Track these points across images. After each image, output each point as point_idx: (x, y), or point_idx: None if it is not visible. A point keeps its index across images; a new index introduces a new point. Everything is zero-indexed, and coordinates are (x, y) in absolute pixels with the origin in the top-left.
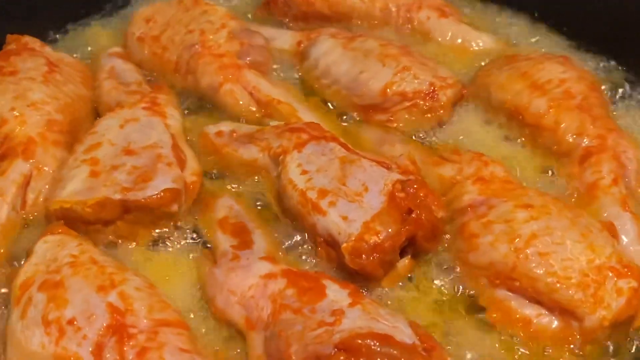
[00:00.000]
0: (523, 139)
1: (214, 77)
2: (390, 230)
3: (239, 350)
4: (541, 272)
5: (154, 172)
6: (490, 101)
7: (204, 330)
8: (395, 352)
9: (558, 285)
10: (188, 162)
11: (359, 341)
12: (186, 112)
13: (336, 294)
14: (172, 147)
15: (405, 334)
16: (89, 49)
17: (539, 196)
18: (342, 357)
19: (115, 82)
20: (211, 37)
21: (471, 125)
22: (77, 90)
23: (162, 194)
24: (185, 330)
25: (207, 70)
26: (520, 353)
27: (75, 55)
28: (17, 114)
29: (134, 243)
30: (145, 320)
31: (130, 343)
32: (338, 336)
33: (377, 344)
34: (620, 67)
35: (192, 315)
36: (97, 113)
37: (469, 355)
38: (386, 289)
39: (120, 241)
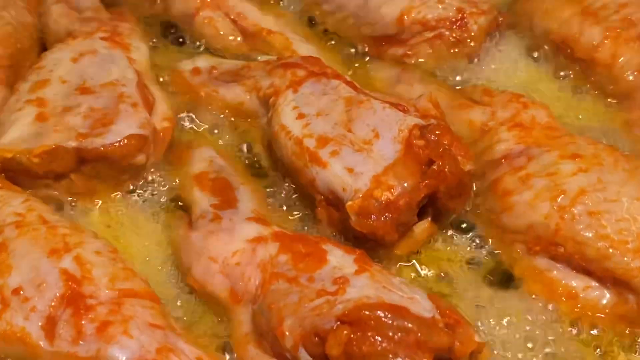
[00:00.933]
0: (572, 77)
1: (188, 3)
2: (406, 184)
3: (219, 330)
4: (591, 235)
5: (115, 114)
6: (532, 31)
7: (178, 303)
8: (410, 325)
9: (611, 250)
10: (157, 105)
11: (367, 312)
12: (155, 45)
13: (339, 260)
14: (138, 86)
15: (423, 307)
16: None
17: (590, 145)
18: (345, 332)
19: (67, 6)
20: None
21: (508, 61)
22: (18, 16)
23: (125, 141)
24: (155, 302)
25: None
26: (564, 332)
27: None
28: None
29: (92, 202)
30: (106, 290)
31: (89, 316)
32: (341, 307)
33: (389, 316)
34: None
35: (163, 287)
36: (43, 44)
37: (501, 333)
38: (401, 258)
39: (75, 199)
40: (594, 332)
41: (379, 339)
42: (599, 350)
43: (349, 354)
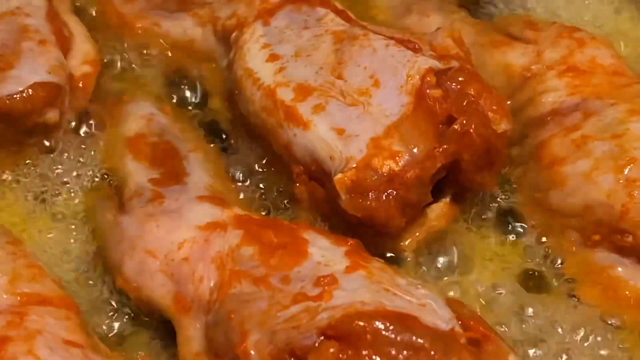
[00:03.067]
0: None
1: None
2: (416, 150)
3: (159, 348)
4: None
5: (16, 56)
6: None
7: (105, 312)
8: (421, 341)
9: None
10: (76, 43)
11: (361, 323)
12: None
13: (325, 252)
14: (48, 17)
15: (438, 316)
16: None
17: None
18: (332, 350)
19: None
20: None
21: None
22: None
23: (30, 91)
24: (71, 311)
25: None
26: (632, 348)
27: None
28: None
29: None
30: (5, 295)
31: None
32: (326, 316)
33: (392, 328)
34: None
35: (83, 290)
36: None
37: (545, 349)
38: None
39: None
40: None
41: (378, 358)
42: None
43: None
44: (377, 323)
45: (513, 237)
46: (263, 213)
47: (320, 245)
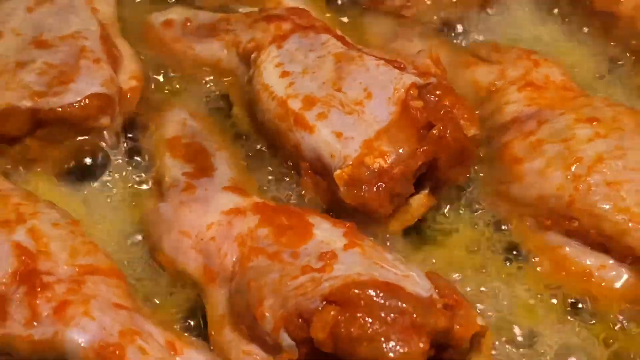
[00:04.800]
0: (590, 32)
1: None
2: (401, 151)
3: (190, 313)
4: (609, 207)
5: (75, 71)
6: None
7: (147, 282)
8: (405, 306)
9: (631, 225)
10: (124, 62)
11: (356, 291)
12: None
13: (327, 233)
14: (102, 39)
15: (419, 285)
16: None
17: (608, 107)
18: (332, 313)
19: None
20: None
21: (519, 14)
22: None
23: (86, 101)
24: (120, 280)
25: None
26: (577, 315)
27: None
28: None
29: (50, 169)
30: (65, 267)
31: (46, 295)
32: (328, 285)
33: (382, 295)
34: None
35: (127, 263)
36: None
37: (507, 315)
38: (395, 234)
39: (29, 166)
40: (615, 316)
41: (370, 320)
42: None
43: (336, 337)
44: (369, 291)
45: (480, 222)
46: (276, 201)
47: (323, 227)
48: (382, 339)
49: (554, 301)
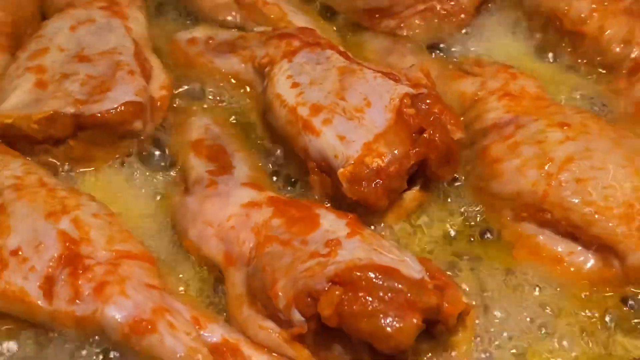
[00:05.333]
0: (560, 49)
1: None
2: (396, 152)
3: (213, 292)
4: (577, 201)
5: (112, 82)
6: (522, 5)
7: (175, 265)
8: (400, 286)
9: (597, 216)
10: (155, 74)
11: (358, 273)
12: (153, 15)
13: (332, 223)
14: (135, 55)
15: (412, 268)
16: None
17: (577, 114)
18: (337, 292)
19: None
20: None
21: (498, 34)
22: None
23: (122, 107)
24: (151, 263)
25: None
26: (549, 295)
27: None
28: None
29: (90, 167)
30: (103, 251)
31: (87, 276)
32: (333, 268)
33: (380, 276)
34: None
35: (160, 250)
36: (43, 14)
37: (488, 295)
38: (391, 224)
39: (72, 165)
40: (582, 296)
41: (370, 299)
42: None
43: (341, 314)
44: (369, 273)
45: (464, 214)
46: (287, 195)
47: (328, 218)
48: (381, 315)
49: (531, 288)
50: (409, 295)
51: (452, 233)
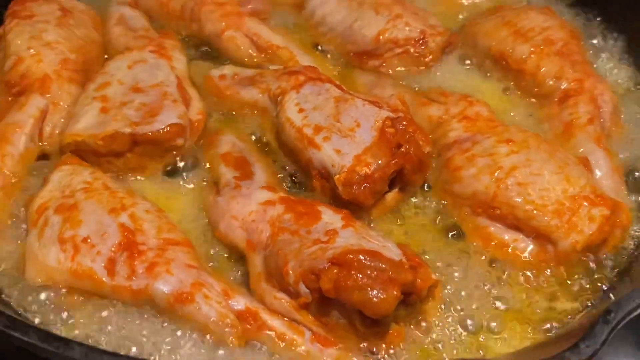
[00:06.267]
0: (505, 82)
1: (216, 24)
2: (380, 162)
3: (238, 271)
4: (520, 200)
5: (160, 108)
6: (476, 48)
7: (206, 250)
8: (383, 266)
9: (535, 212)
10: (193, 102)
11: (351, 256)
12: (191, 57)
13: (330, 217)
14: (178, 87)
15: (393, 252)
16: None
17: (520, 132)
18: (335, 270)
19: (124, 28)
20: None
21: (458, 70)
22: (88, 33)
23: (168, 128)
24: (190, 248)
25: (210, 17)
26: (498, 271)
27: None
28: (34, 52)
29: (143, 174)
30: (154, 239)
31: (141, 258)
32: (331, 252)
33: (367, 258)
34: (596, 19)
35: (197, 238)
36: (107, 56)
37: (451, 273)
38: (376, 218)
39: (129, 172)
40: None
41: (360, 276)
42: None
43: (337, 288)
44: (359, 256)
45: (433, 211)
46: (296, 195)
47: (327, 213)
48: (368, 289)
49: (484, 268)
50: (390, 273)
51: (422, 225)
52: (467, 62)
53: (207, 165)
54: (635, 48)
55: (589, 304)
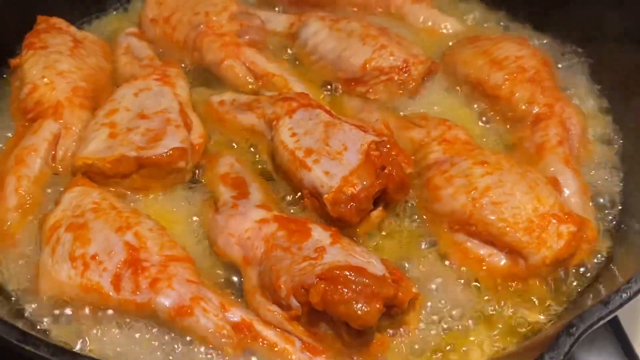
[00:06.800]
0: (482, 107)
1: (216, 54)
2: (365, 183)
3: (235, 283)
4: (494, 218)
5: (164, 133)
6: (455, 75)
7: (206, 266)
8: (367, 281)
9: (508, 229)
10: (194, 127)
11: (337, 272)
12: (193, 84)
13: (320, 234)
14: (180, 113)
15: (377, 268)
16: (108, 28)
17: (494, 155)
18: (323, 285)
19: (131, 57)
20: (214, 18)
21: (438, 96)
22: (98, 62)
23: (170, 152)
24: (191, 264)
25: (210, 47)
26: (475, 286)
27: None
28: (48, 81)
29: (147, 194)
30: (156, 256)
31: (144, 274)
32: (320, 268)
33: (353, 274)
34: (565, 47)
35: (197, 254)
36: (115, 83)
37: (431, 286)
38: (362, 235)
39: (134, 193)
40: (499, 287)
41: (346, 290)
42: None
43: (325, 301)
44: (345, 272)
45: (414, 227)
46: (288, 213)
47: (317, 230)
48: (353, 302)
49: (461, 281)
50: (373, 287)
51: (404, 241)
52: (447, 88)
53: (208, 184)
54: (600, 73)
55: (556, 316)
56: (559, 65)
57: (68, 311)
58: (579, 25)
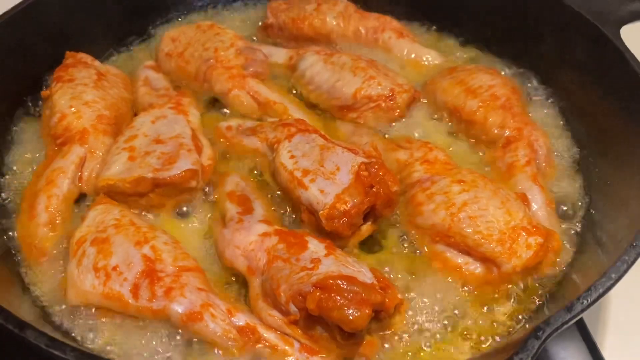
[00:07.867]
0: (459, 131)
1: (224, 85)
2: (356, 200)
3: (240, 290)
4: (470, 230)
5: (177, 156)
6: (436, 102)
7: (214, 275)
8: (357, 289)
9: (483, 240)
10: (204, 150)
11: (331, 281)
12: (203, 111)
13: (315, 246)
14: (192, 138)
15: (366, 276)
16: (129, 62)
17: (470, 174)
18: (318, 293)
19: (149, 88)
20: (223, 53)
21: (421, 121)
22: (120, 93)
23: (183, 173)
24: (201, 274)
25: (219, 79)
26: (452, 288)
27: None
28: (75, 110)
29: (163, 211)
30: (170, 267)
31: (160, 283)
32: (315, 277)
33: (345, 283)
34: (531, 75)
35: (207, 265)
36: (135, 111)
37: (414, 293)
38: (353, 246)
39: (151, 209)
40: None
41: (339, 297)
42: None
43: (320, 307)
44: (338, 281)
45: (399, 239)
46: (288, 227)
47: (313, 243)
48: (345, 308)
49: (442, 288)
50: (363, 295)
51: (393, 251)
52: (429, 113)
53: (217, 201)
54: (563, 98)
55: (524, 320)
56: (527, 93)
57: (91, 318)
58: (541, 58)
